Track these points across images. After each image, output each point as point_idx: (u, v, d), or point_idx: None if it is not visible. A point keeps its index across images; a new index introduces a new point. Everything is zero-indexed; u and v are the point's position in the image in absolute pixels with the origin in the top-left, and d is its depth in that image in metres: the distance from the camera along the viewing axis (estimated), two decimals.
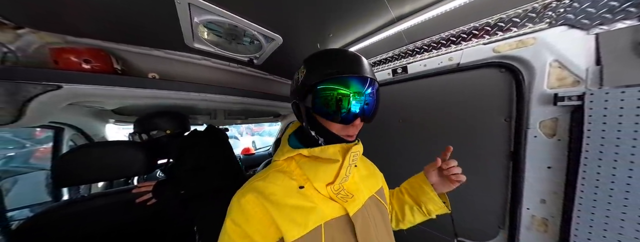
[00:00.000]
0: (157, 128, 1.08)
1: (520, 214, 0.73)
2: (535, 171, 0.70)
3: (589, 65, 0.59)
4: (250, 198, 0.39)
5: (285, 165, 0.46)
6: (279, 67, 1.34)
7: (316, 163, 0.44)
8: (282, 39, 0.91)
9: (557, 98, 0.63)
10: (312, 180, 0.43)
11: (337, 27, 0.83)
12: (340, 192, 0.44)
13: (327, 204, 0.42)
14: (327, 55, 0.45)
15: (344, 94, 0.40)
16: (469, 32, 0.77)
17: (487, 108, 0.81)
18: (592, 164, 0.59)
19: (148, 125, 1.09)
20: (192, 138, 1.08)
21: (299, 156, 0.46)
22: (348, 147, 0.43)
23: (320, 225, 0.39)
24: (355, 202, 0.44)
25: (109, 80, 0.85)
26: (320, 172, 0.43)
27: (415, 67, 0.95)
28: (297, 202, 0.39)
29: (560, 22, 0.61)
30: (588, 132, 0.58)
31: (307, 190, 0.42)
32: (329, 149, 0.42)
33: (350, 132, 0.44)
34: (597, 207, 0.59)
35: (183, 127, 1.18)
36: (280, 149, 0.49)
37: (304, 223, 0.38)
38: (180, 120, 1.17)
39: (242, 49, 1.12)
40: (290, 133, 0.52)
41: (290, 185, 0.42)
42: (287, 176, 0.43)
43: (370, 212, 0.46)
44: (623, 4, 0.53)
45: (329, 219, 0.40)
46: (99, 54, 0.84)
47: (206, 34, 0.93)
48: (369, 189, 0.52)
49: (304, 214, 0.38)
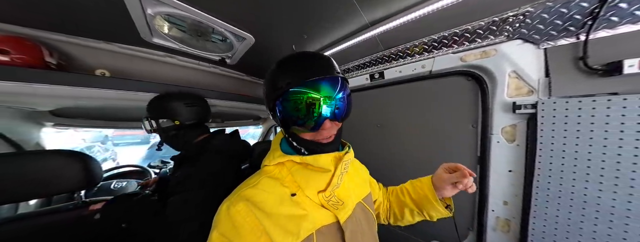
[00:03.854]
0: (166, 115, 0.80)
1: (487, 216, 0.77)
2: (498, 174, 0.74)
3: (540, 76, 0.65)
4: (241, 208, 0.36)
5: (276, 171, 0.44)
6: (254, 67, 1.27)
7: (308, 171, 0.43)
8: (253, 39, 0.85)
9: (515, 106, 0.67)
10: (304, 188, 0.42)
11: (311, 29, 0.80)
12: (331, 199, 0.43)
13: (318, 211, 0.41)
14: (279, 66, 0.42)
15: (302, 101, 0.38)
16: (440, 41, 0.80)
17: (457, 114, 0.85)
18: (544, 168, 0.63)
19: (155, 109, 0.82)
20: (209, 154, 0.76)
21: (290, 162, 0.44)
22: (340, 156, 0.43)
23: (312, 233, 0.38)
24: (346, 209, 0.43)
25: (37, 76, 0.70)
26: (312, 180, 0.42)
27: (392, 73, 0.97)
28: (290, 211, 0.39)
29: (516, 36, 0.66)
30: (541, 138, 0.63)
31: (298, 197, 0.41)
32: (321, 158, 0.42)
33: (324, 135, 0.42)
34: (548, 207, 0.63)
35: (198, 118, 0.85)
36: (271, 153, 0.47)
37: (297, 232, 0.37)
38: (197, 107, 0.86)
39: (211, 47, 1.03)
40: (282, 137, 0.50)
41: (282, 192, 0.41)
42: (278, 183, 0.42)
43: (358, 220, 0.46)
44: (565, 23, 0.59)
45: (320, 226, 0.40)
46: (23, 43, 0.69)
47: (167, 28, 0.83)
48: (358, 195, 0.51)
49: (297, 223, 0.38)
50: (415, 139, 0.99)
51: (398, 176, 0.65)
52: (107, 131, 8.06)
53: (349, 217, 0.43)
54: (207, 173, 0.72)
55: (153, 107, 0.84)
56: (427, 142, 0.95)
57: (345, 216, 0.43)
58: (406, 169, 1.04)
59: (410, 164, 1.03)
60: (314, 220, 0.40)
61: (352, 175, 0.54)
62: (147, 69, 1.03)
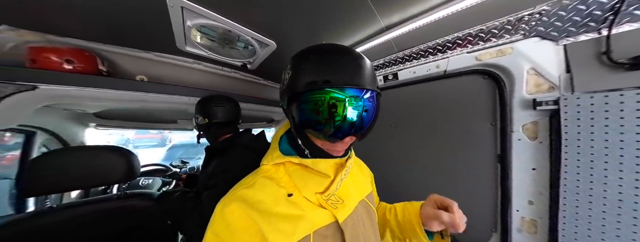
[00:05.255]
0: (201, 113, 0.92)
1: (511, 216, 0.74)
2: (521, 172, 0.72)
3: (561, 72, 0.64)
4: (234, 208, 0.36)
5: (273, 171, 0.43)
6: (272, 72, 1.34)
7: (306, 173, 0.41)
8: (276, 45, 0.92)
9: (535, 103, 0.67)
10: (301, 189, 0.40)
11: (329, 34, 0.86)
12: (330, 197, 0.41)
13: (316, 212, 0.39)
14: (315, 54, 0.38)
15: (334, 105, 0.34)
16: (454, 42, 0.82)
17: (474, 113, 0.84)
18: (571, 165, 0.62)
19: (196, 108, 0.94)
20: (239, 149, 0.81)
21: (289, 163, 0.43)
22: (341, 163, 0.41)
23: (309, 234, 0.37)
24: (346, 208, 0.42)
25: (93, 82, 0.81)
26: (310, 183, 0.41)
27: (405, 74, 0.99)
28: (286, 211, 0.37)
29: (533, 34, 0.67)
30: (565, 135, 0.62)
31: (295, 198, 0.39)
32: (321, 163, 0.40)
33: (337, 148, 0.40)
34: (579, 206, 0.61)
35: (225, 118, 0.92)
36: (270, 153, 0.45)
37: (292, 232, 0.35)
38: (224, 107, 0.93)
39: (235, 54, 1.12)
40: (282, 135, 0.48)
41: (279, 192, 0.39)
42: (274, 183, 0.40)
43: (360, 218, 0.44)
44: (584, 20, 0.59)
45: (318, 227, 0.38)
46: (83, 54, 0.81)
47: (199, 38, 0.93)
48: (360, 192, 0.50)
49: (293, 223, 0.36)
50: (431, 139, 0.98)
51: (414, 175, 0.66)
52: (128, 135, 8.64)
53: (349, 216, 0.41)
54: (243, 165, 0.76)
55: (196, 107, 0.96)
56: (442, 141, 0.94)
57: (345, 215, 0.41)
58: (420, 169, 1.03)
59: (425, 163, 1.02)
60: (312, 221, 0.38)
61: (354, 173, 0.51)
62: (177, 74, 1.14)
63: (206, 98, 0.97)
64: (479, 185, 0.84)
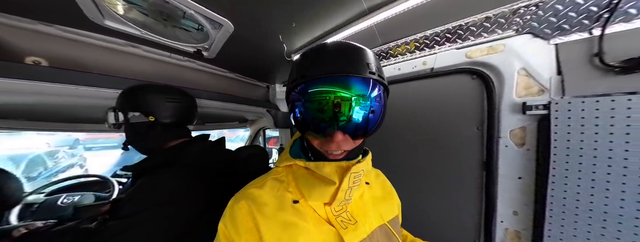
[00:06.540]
0: (138, 108, 0.64)
1: (495, 227, 0.70)
2: (507, 181, 0.68)
3: (552, 74, 0.59)
4: (242, 206, 0.36)
5: (283, 173, 0.42)
6: (236, 62, 1.13)
7: (311, 179, 0.38)
8: (232, 26, 0.72)
9: (525, 107, 0.61)
10: (307, 197, 0.38)
11: (301, 15, 0.69)
12: (341, 214, 0.37)
13: (321, 228, 0.36)
14: (306, 54, 0.37)
15: (313, 100, 0.34)
16: (443, 36, 0.73)
17: (460, 116, 0.78)
18: (559, 175, 0.57)
19: (127, 99, 0.65)
20: (174, 168, 0.60)
21: (296, 166, 0.41)
22: (346, 167, 0.36)
23: None
24: (358, 231, 0.36)
25: None
26: (316, 190, 0.37)
27: (390, 70, 0.89)
28: (288, 218, 0.35)
29: (526, 30, 0.61)
30: (555, 142, 0.57)
31: (301, 206, 0.37)
32: (325, 166, 0.37)
33: (331, 148, 0.36)
34: (566, 219, 0.57)
35: (177, 118, 0.69)
36: (283, 154, 0.45)
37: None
38: (180, 104, 0.70)
39: (184, 37, 0.88)
40: (296, 138, 0.46)
41: (285, 197, 0.38)
42: (283, 186, 0.40)
43: None
44: (579, 16, 0.54)
45: None
46: None
47: (121, 8, 0.67)
48: (381, 215, 0.43)
49: (291, 234, 0.34)
50: (417, 142, 0.91)
51: (395, 180, 0.55)
52: (77, 134, 7.21)
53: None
54: (169, 192, 0.55)
55: (125, 97, 0.66)
56: (427, 145, 0.87)
57: (356, 240, 0.36)
58: (402, 173, 0.96)
59: (406, 168, 0.94)
60: (313, 239, 0.34)
61: (375, 189, 0.47)
62: (102, 60, 0.85)
63: (149, 88, 0.69)
64: (463, 193, 0.78)
